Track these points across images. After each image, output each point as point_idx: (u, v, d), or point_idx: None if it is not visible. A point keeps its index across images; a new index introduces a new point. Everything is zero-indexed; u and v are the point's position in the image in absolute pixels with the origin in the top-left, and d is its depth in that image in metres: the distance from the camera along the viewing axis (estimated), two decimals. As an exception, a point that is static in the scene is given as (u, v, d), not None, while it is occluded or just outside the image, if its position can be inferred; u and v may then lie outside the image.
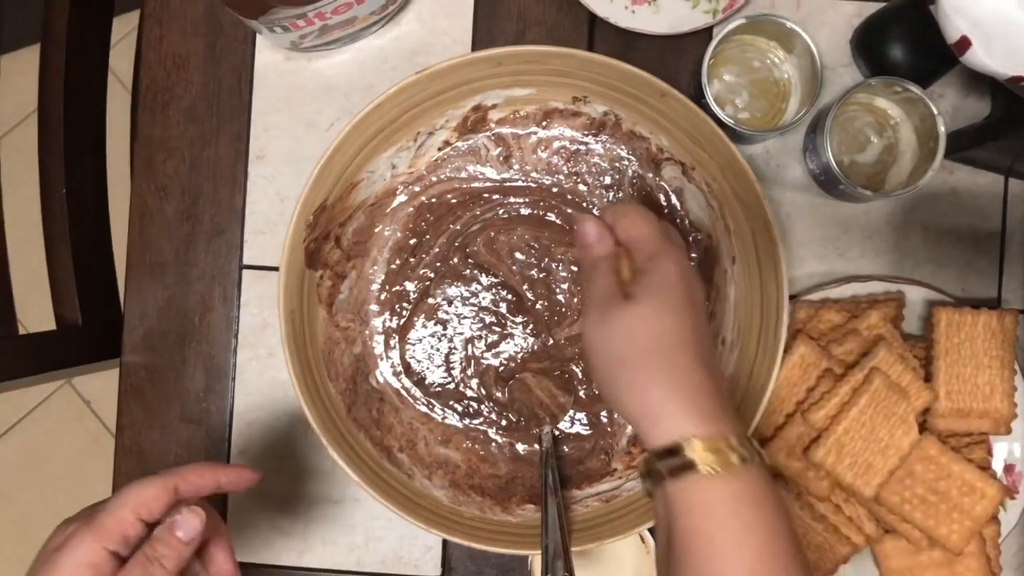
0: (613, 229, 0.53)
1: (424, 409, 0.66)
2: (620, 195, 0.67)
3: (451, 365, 0.67)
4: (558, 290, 0.67)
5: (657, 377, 0.48)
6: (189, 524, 0.47)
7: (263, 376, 0.70)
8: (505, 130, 0.66)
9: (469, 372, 0.67)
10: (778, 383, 0.63)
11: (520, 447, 0.66)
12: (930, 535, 0.62)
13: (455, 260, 0.67)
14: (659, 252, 0.51)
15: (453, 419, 0.66)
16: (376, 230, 0.67)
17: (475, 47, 0.71)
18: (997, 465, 0.66)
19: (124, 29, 1.32)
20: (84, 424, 1.50)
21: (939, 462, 0.61)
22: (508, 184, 0.67)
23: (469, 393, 0.67)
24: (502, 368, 0.67)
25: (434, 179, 0.67)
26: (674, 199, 0.67)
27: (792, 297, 0.67)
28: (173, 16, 0.71)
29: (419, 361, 0.67)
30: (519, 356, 0.67)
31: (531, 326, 0.67)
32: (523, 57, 0.61)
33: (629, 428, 0.66)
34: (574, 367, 0.66)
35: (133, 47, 0.97)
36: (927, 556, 0.64)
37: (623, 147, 0.66)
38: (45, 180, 0.73)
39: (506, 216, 0.67)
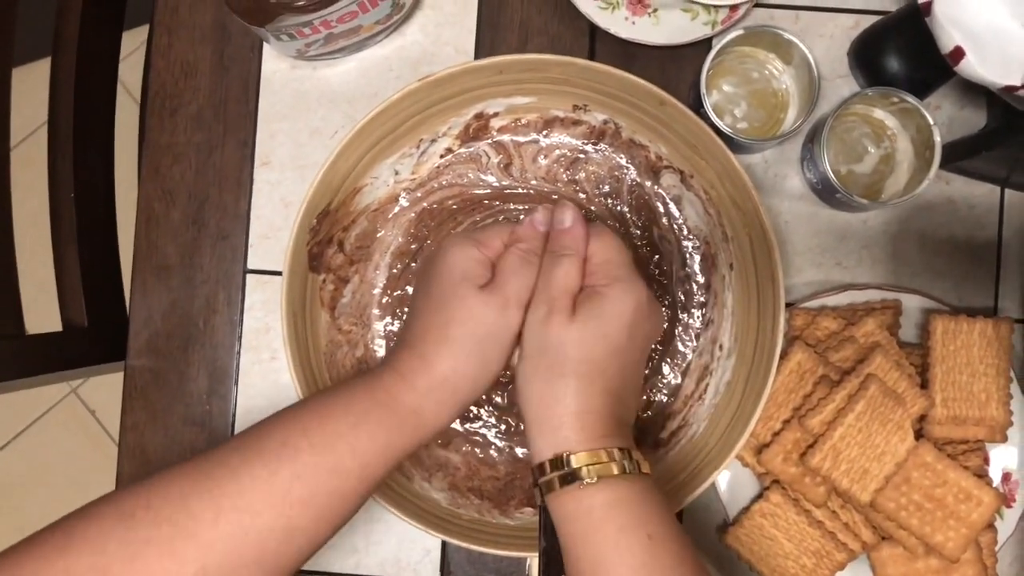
0: (588, 249, 0.55)
1: (424, 412, 0.67)
2: (619, 203, 0.68)
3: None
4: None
5: (565, 394, 0.50)
6: (539, 216, 0.56)
7: (266, 379, 0.71)
8: (506, 138, 0.67)
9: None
10: (775, 389, 0.63)
11: (519, 451, 0.67)
12: (926, 542, 0.63)
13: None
14: (620, 280, 0.53)
15: (453, 423, 0.67)
16: (378, 235, 0.67)
17: (478, 57, 0.72)
18: (994, 473, 0.66)
19: (135, 43, 1.34)
20: (89, 434, 1.51)
21: (935, 469, 0.62)
22: (508, 191, 0.68)
23: (469, 397, 0.67)
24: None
25: (435, 185, 0.68)
26: (672, 207, 0.68)
27: (789, 305, 0.68)
28: (182, 24, 0.73)
29: (420, 365, 0.68)
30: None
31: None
32: (524, 65, 0.62)
33: (627, 433, 0.67)
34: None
35: (142, 60, 0.99)
36: (923, 563, 0.64)
37: (622, 155, 0.67)
38: (54, 185, 0.75)
39: (506, 222, 0.68)
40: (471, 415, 0.67)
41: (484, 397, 0.67)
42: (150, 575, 0.42)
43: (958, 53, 0.57)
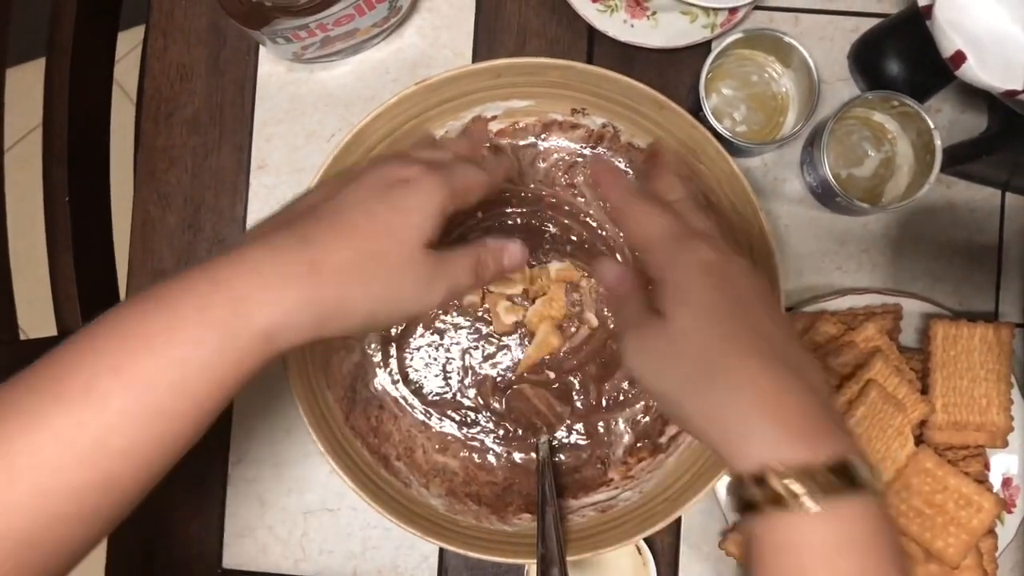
0: (623, 233, 0.50)
1: (422, 418, 0.67)
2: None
3: (448, 375, 0.67)
4: (556, 301, 0.67)
5: (725, 394, 0.40)
6: (517, 257, 0.50)
7: (261, 384, 0.70)
8: (504, 141, 0.67)
9: (467, 382, 0.67)
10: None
11: (517, 456, 0.66)
12: (927, 548, 0.62)
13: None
14: (673, 251, 0.45)
15: (451, 428, 0.67)
16: (375, 239, 0.67)
17: (476, 60, 0.72)
18: (995, 478, 0.66)
19: (132, 43, 1.33)
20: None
21: (936, 475, 0.62)
22: (505, 194, 0.67)
23: (466, 403, 0.67)
24: (499, 378, 0.67)
25: (433, 189, 0.67)
26: (672, 211, 0.67)
27: (788, 309, 0.67)
28: (177, 27, 0.72)
29: (417, 370, 0.67)
30: (516, 367, 0.67)
31: (529, 337, 0.67)
32: (522, 69, 0.61)
33: (626, 438, 0.66)
34: (571, 378, 0.67)
35: (139, 60, 0.98)
36: (924, 569, 0.64)
37: (621, 159, 0.67)
38: (49, 188, 0.74)
39: (502, 226, 0.68)
40: (468, 420, 0.67)
41: (482, 402, 0.67)
42: None
43: (959, 57, 0.56)
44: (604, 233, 0.67)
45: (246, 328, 0.39)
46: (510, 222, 0.68)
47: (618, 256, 0.67)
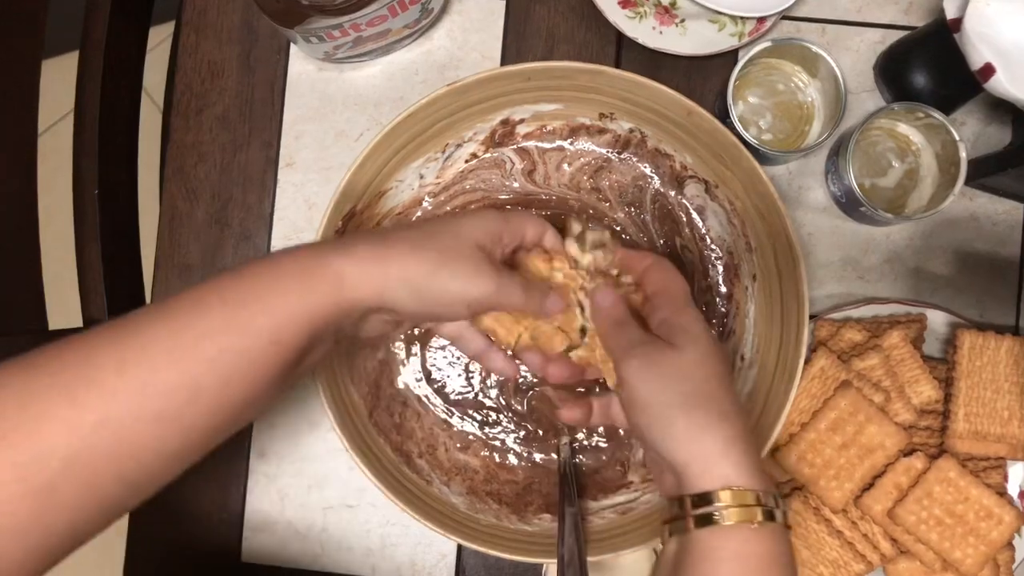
0: (644, 277, 0.56)
1: (444, 416, 0.67)
2: (642, 212, 0.68)
3: (470, 374, 0.68)
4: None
5: (711, 422, 0.48)
6: (554, 310, 0.55)
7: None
8: (531, 144, 0.67)
9: (489, 383, 0.68)
10: (797, 394, 0.63)
11: (538, 456, 0.67)
12: (945, 558, 0.62)
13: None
14: (689, 306, 0.53)
15: (472, 427, 0.67)
16: (402, 238, 0.68)
17: (504, 63, 0.72)
18: (1012, 490, 0.66)
19: (154, 41, 1.34)
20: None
21: (958, 485, 0.62)
22: (531, 197, 0.68)
23: (488, 403, 0.67)
24: (521, 380, 0.67)
25: (459, 189, 0.68)
26: (695, 217, 0.68)
27: (811, 317, 0.68)
28: (209, 25, 0.73)
29: (440, 369, 0.68)
30: (539, 367, 0.67)
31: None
32: (552, 73, 0.62)
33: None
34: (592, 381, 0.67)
35: (159, 59, 0.99)
36: (941, 579, 0.64)
37: (647, 164, 0.68)
38: (78, 181, 0.75)
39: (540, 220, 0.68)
40: (490, 420, 0.67)
41: (504, 403, 0.67)
42: (48, 418, 0.39)
43: (988, 70, 0.57)
44: (627, 238, 0.68)
45: (324, 267, 0.45)
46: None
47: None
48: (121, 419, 0.40)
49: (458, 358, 0.68)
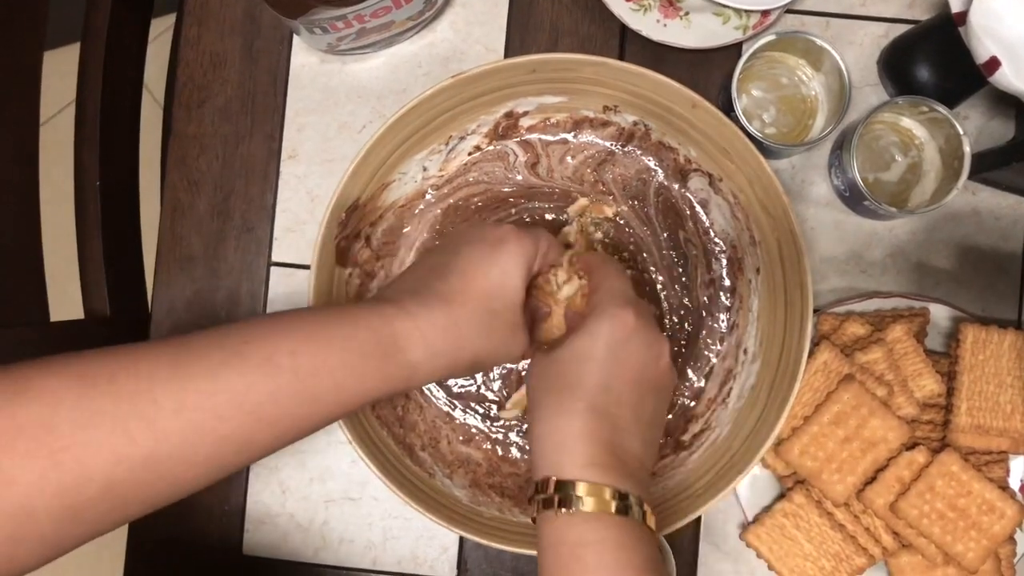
0: (589, 276, 0.57)
1: (446, 409, 0.67)
2: (645, 205, 0.68)
3: (473, 367, 0.68)
4: (582, 296, 0.67)
5: (571, 413, 0.50)
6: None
7: (287, 372, 0.71)
8: (534, 137, 0.67)
9: (492, 375, 0.68)
10: (800, 388, 0.63)
11: (541, 450, 0.67)
12: (946, 551, 0.63)
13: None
14: (607, 300, 0.53)
15: (475, 420, 0.67)
16: (404, 230, 0.67)
17: (507, 56, 0.72)
18: (1014, 484, 0.66)
19: (152, 33, 1.34)
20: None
21: (961, 479, 0.62)
22: (534, 190, 0.68)
23: (491, 396, 0.67)
24: (524, 372, 0.67)
25: (462, 182, 0.68)
26: (699, 210, 0.68)
27: (814, 311, 0.68)
28: (212, 15, 0.73)
29: (442, 362, 0.68)
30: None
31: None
32: (557, 65, 0.62)
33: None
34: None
35: (157, 52, 0.99)
36: (941, 573, 0.64)
37: (651, 157, 0.67)
38: (80, 173, 0.75)
39: (529, 220, 0.68)
40: (493, 413, 0.67)
41: (506, 395, 0.67)
42: (98, 446, 0.39)
43: (993, 64, 0.57)
44: (630, 231, 0.68)
45: (401, 357, 0.47)
46: (535, 217, 0.68)
47: (644, 255, 0.67)
48: (170, 459, 0.41)
49: (461, 351, 0.68)
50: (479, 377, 0.67)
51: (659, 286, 0.67)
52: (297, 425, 0.45)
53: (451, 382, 0.67)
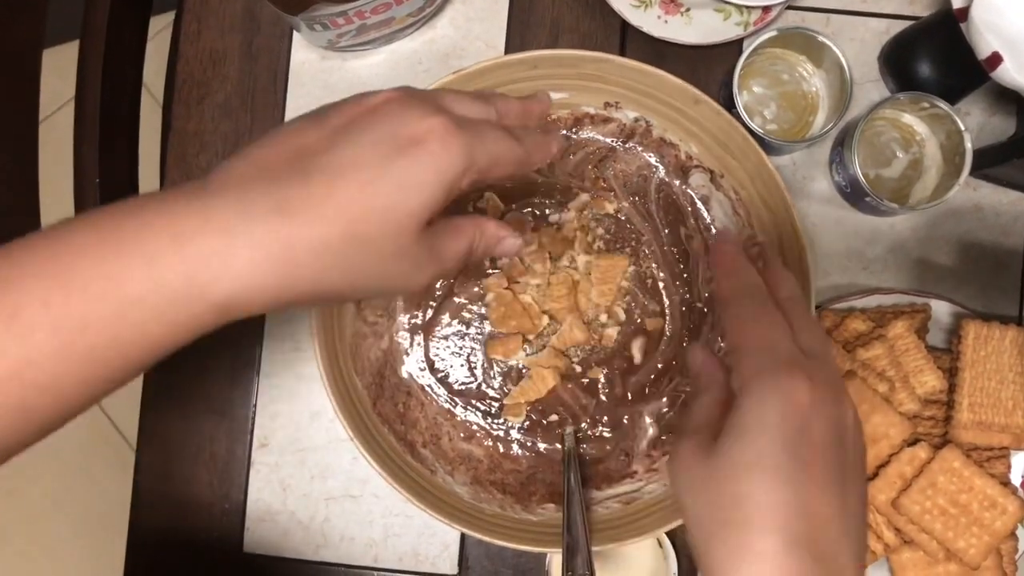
0: (724, 325, 0.45)
1: (447, 406, 0.67)
2: (646, 202, 0.68)
3: (473, 364, 0.67)
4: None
5: (730, 561, 0.37)
6: (511, 251, 0.46)
7: (288, 370, 0.71)
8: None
9: (492, 372, 0.67)
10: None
11: (541, 446, 0.66)
12: (948, 547, 0.63)
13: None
14: (763, 377, 0.39)
15: (476, 417, 0.67)
16: (406, 228, 0.67)
17: (508, 53, 0.72)
18: (1016, 480, 0.66)
19: (151, 31, 1.34)
20: (96, 423, 1.51)
21: (962, 475, 0.62)
22: (534, 185, 0.68)
23: (491, 393, 0.67)
24: (524, 369, 0.67)
25: (464, 179, 0.68)
26: (700, 207, 0.67)
27: (815, 308, 0.68)
28: (211, 12, 0.73)
29: (442, 359, 0.67)
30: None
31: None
32: (558, 61, 0.62)
33: (651, 431, 0.66)
34: (598, 371, 0.67)
35: (156, 51, 0.99)
36: (943, 569, 0.64)
37: (652, 154, 0.67)
38: (79, 170, 0.74)
39: (531, 217, 0.68)
40: (494, 410, 0.67)
41: (506, 392, 0.67)
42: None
43: (995, 59, 0.57)
44: (631, 227, 0.67)
45: (199, 298, 0.35)
46: (536, 213, 0.68)
47: (646, 251, 0.67)
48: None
49: (461, 348, 0.67)
50: (479, 374, 0.67)
51: (660, 283, 0.67)
52: (78, 387, 0.35)
53: (451, 379, 0.67)
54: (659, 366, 0.67)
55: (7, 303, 0.34)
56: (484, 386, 0.67)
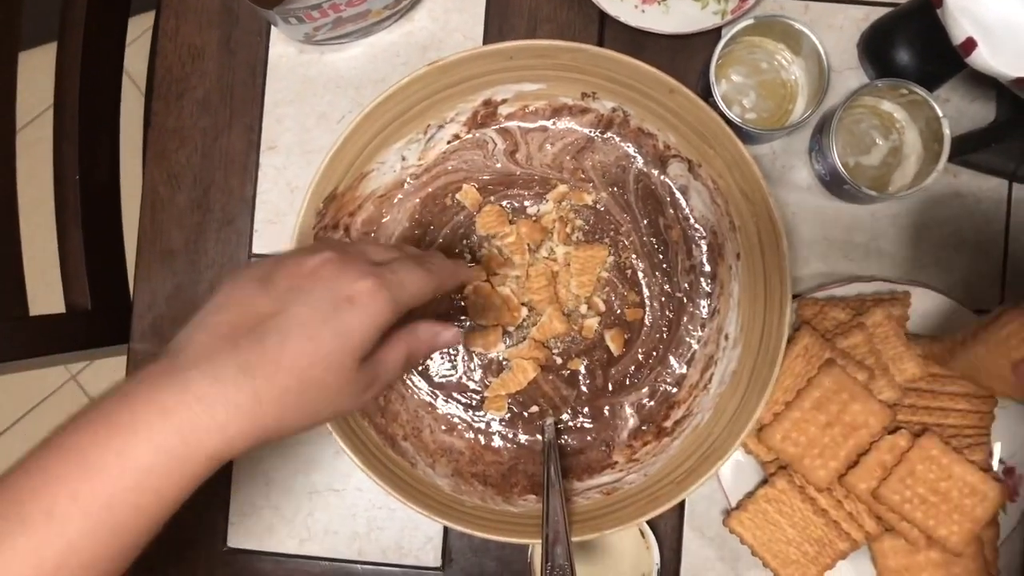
0: None
1: (428, 399, 0.67)
2: (625, 192, 0.67)
3: (454, 357, 0.67)
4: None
5: None
6: (450, 342, 0.53)
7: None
8: (513, 124, 0.67)
9: (472, 364, 0.67)
10: (780, 372, 0.63)
11: (522, 437, 0.66)
12: (930, 535, 0.63)
13: (458, 251, 0.67)
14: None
15: (457, 410, 0.67)
16: (384, 220, 0.67)
17: (486, 43, 0.72)
18: (996, 466, 0.66)
19: (139, 30, 1.34)
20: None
21: (941, 463, 0.62)
22: (513, 177, 0.68)
23: (472, 385, 0.67)
24: (505, 361, 0.67)
25: (441, 171, 0.68)
26: (679, 196, 0.67)
27: (795, 296, 0.68)
28: (190, 8, 0.73)
29: (424, 352, 0.67)
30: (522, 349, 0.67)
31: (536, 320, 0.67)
32: (534, 51, 0.61)
33: (631, 422, 0.66)
34: (578, 362, 0.67)
35: (147, 47, 0.99)
36: (924, 556, 0.64)
37: (630, 144, 0.67)
38: (59, 167, 0.74)
39: (509, 208, 0.68)
40: (475, 402, 0.67)
41: (487, 384, 0.67)
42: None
43: (970, 44, 0.57)
44: (610, 218, 0.67)
45: (195, 454, 0.42)
46: (516, 203, 0.68)
47: (625, 241, 0.67)
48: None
49: (442, 341, 0.67)
50: (460, 367, 0.67)
51: (640, 273, 0.67)
52: (116, 556, 0.42)
53: (432, 371, 0.67)
54: (639, 356, 0.67)
55: (43, 504, 0.40)
56: (465, 378, 0.67)
